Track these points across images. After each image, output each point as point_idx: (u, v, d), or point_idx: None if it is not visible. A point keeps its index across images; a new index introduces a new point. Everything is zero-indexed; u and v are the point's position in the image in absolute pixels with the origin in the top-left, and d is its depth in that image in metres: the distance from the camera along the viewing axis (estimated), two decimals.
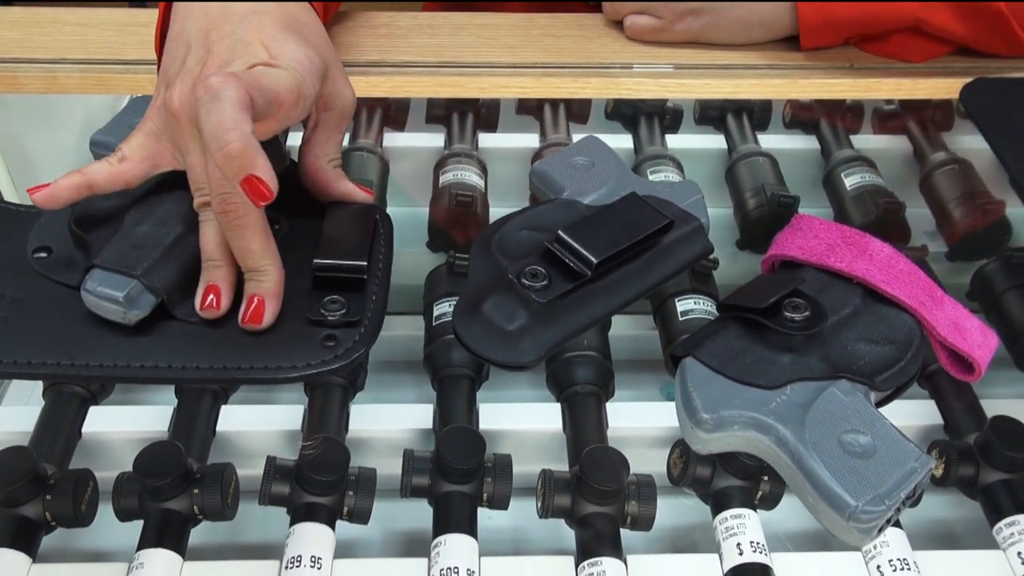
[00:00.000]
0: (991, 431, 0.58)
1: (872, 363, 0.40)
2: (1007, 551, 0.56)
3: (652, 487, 0.57)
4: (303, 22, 0.49)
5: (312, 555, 0.53)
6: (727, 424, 0.38)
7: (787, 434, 0.37)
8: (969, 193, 0.76)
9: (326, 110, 0.49)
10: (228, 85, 0.40)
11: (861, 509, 0.36)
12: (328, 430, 0.60)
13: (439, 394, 0.64)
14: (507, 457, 0.58)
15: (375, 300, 0.43)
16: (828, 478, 0.36)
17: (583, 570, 0.54)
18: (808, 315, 0.40)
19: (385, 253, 0.45)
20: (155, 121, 0.45)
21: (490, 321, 0.40)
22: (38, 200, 0.43)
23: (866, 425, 0.38)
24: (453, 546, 0.54)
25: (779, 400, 0.39)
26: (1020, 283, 0.69)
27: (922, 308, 0.42)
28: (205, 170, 0.42)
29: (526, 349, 0.40)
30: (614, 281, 0.42)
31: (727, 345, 0.41)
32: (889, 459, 0.37)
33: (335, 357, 0.41)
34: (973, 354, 0.41)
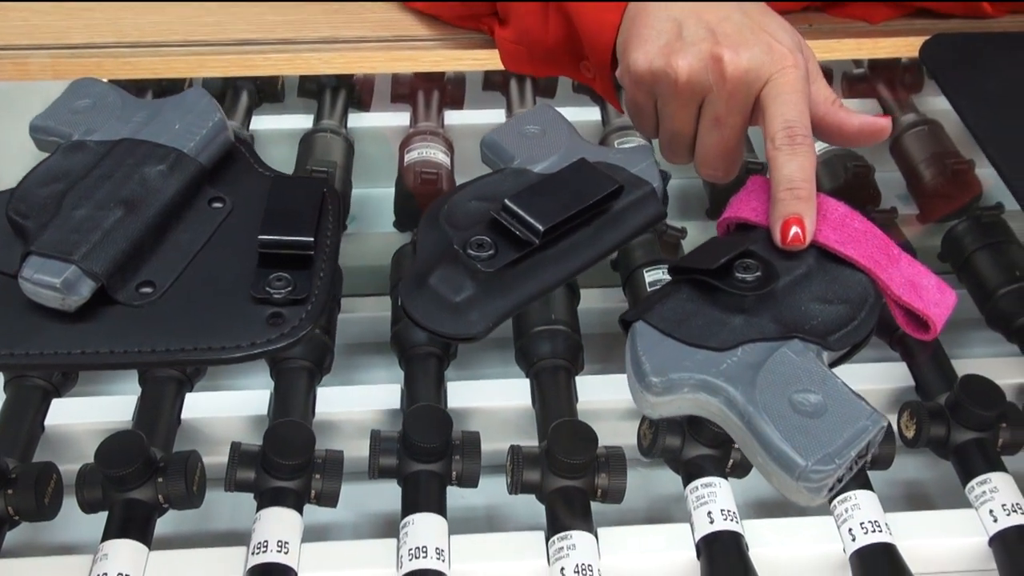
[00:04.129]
0: (961, 390, 0.58)
1: (825, 323, 0.40)
2: (979, 509, 0.56)
3: (622, 459, 0.56)
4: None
5: (279, 540, 0.53)
6: (676, 387, 0.38)
7: (736, 395, 0.37)
8: (938, 154, 0.76)
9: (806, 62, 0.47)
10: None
11: (810, 468, 0.35)
12: (294, 414, 0.59)
13: (406, 374, 0.63)
14: (475, 435, 0.58)
15: (322, 277, 0.42)
16: (777, 438, 0.35)
17: (553, 544, 0.54)
18: (759, 275, 0.40)
19: (333, 229, 0.44)
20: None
21: (437, 293, 0.39)
22: None
23: (817, 384, 0.37)
24: (421, 525, 0.54)
25: (730, 362, 0.38)
26: (990, 243, 0.69)
27: (876, 267, 0.41)
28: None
29: (474, 320, 0.39)
30: (564, 249, 0.42)
31: (678, 308, 0.40)
32: (840, 418, 0.36)
33: (281, 335, 0.40)
34: (928, 312, 0.41)
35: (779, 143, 0.42)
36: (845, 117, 0.45)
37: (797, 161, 0.42)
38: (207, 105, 0.48)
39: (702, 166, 0.47)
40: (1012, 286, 0.66)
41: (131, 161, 0.46)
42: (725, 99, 0.44)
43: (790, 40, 0.45)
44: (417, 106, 0.84)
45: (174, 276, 0.43)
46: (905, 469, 0.64)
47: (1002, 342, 0.68)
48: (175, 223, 0.45)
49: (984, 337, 0.70)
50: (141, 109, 0.49)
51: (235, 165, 0.48)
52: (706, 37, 0.44)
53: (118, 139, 0.47)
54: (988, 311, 0.68)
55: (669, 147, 0.48)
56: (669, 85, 0.45)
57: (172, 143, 0.46)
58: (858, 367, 0.64)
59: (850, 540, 0.54)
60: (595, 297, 0.71)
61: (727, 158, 0.46)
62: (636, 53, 0.45)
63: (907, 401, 0.60)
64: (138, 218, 0.43)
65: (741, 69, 0.43)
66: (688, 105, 0.45)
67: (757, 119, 0.45)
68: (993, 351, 0.70)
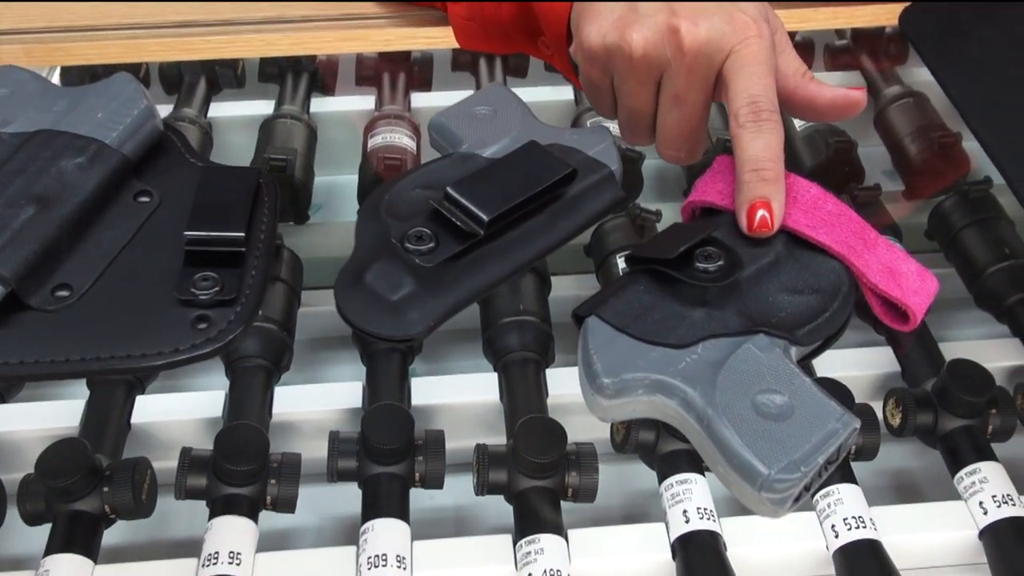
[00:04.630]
0: (948, 376, 0.55)
1: (794, 315, 0.37)
2: (968, 501, 0.53)
3: (593, 456, 0.54)
4: None
5: (231, 550, 0.50)
6: (630, 389, 0.35)
7: (695, 396, 0.34)
8: (924, 127, 0.73)
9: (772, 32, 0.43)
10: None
11: (774, 477, 0.32)
12: (250, 415, 0.56)
13: (368, 370, 0.60)
14: (439, 433, 0.55)
15: (255, 275, 0.39)
16: (737, 444, 0.32)
17: (520, 548, 0.51)
18: (722, 265, 0.37)
19: (268, 223, 0.41)
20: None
21: (373, 291, 0.36)
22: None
23: (783, 384, 0.34)
24: (381, 532, 0.51)
25: (689, 360, 0.35)
26: (978, 219, 0.66)
27: (851, 253, 0.38)
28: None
29: (413, 320, 0.36)
30: (514, 239, 0.38)
31: (634, 301, 0.37)
32: (807, 420, 0.33)
33: (207, 340, 0.37)
34: (907, 301, 0.38)
35: (743, 120, 0.39)
36: (816, 90, 0.42)
37: (763, 139, 0.39)
38: (133, 92, 0.45)
39: (663, 147, 0.44)
40: (1002, 264, 0.64)
41: (47, 154, 0.42)
42: (684, 74, 0.41)
43: (754, 9, 0.41)
44: (382, 89, 0.81)
45: (93, 277, 0.40)
46: (892, 458, 0.61)
47: (992, 323, 0.65)
48: (96, 220, 0.42)
49: (973, 318, 0.68)
50: (62, 98, 0.46)
51: (165, 156, 0.45)
52: (662, 8, 0.41)
53: (34, 130, 0.44)
54: (977, 290, 0.65)
55: (628, 127, 0.45)
56: (624, 61, 0.41)
57: (93, 134, 0.43)
58: (841, 353, 0.61)
59: (833, 537, 0.51)
60: (567, 284, 0.68)
61: (690, 138, 0.43)
62: (589, 28, 0.42)
63: (892, 388, 0.57)
64: (53, 216, 0.40)
65: (700, 41, 0.40)
66: (645, 82, 0.42)
67: (721, 95, 0.42)
68: (983, 332, 0.67)
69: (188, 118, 0.76)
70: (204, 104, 0.79)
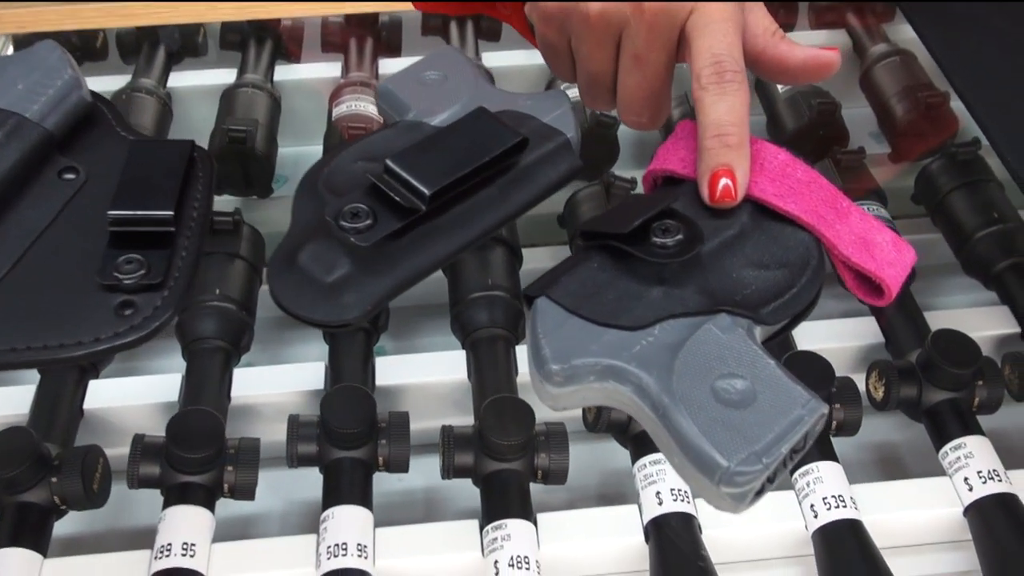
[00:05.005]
0: (933, 347, 0.53)
1: (760, 292, 0.34)
2: (953, 477, 0.51)
3: (563, 437, 0.52)
4: None
5: (184, 541, 0.48)
6: (581, 375, 0.32)
7: (650, 383, 0.31)
8: (911, 87, 0.70)
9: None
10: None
11: (733, 470, 0.30)
12: (207, 399, 0.54)
13: (331, 350, 0.58)
14: (403, 415, 0.53)
15: (185, 257, 0.36)
16: (694, 434, 0.30)
17: (487, 535, 0.49)
18: (681, 239, 0.34)
19: (202, 200, 0.39)
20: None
21: (307, 273, 0.34)
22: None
23: (745, 367, 0.32)
24: (342, 519, 0.49)
25: (645, 343, 0.32)
26: (966, 182, 0.64)
27: (821, 223, 0.36)
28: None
29: (349, 304, 0.34)
30: (461, 214, 0.36)
31: (587, 280, 0.34)
32: (771, 407, 0.31)
33: (131, 328, 0.35)
34: (881, 274, 0.35)
35: (705, 81, 0.37)
36: (787, 50, 0.39)
37: (726, 102, 0.36)
38: (57, 61, 0.42)
39: (625, 112, 0.41)
40: (990, 229, 0.61)
41: None
42: (644, 33, 0.38)
43: None
44: (349, 55, 0.78)
45: (11, 262, 0.37)
46: (877, 432, 0.59)
47: (980, 290, 0.63)
48: (15, 199, 0.39)
49: (961, 284, 0.65)
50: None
51: (94, 130, 0.42)
52: None
53: None
54: (964, 256, 0.62)
55: (588, 92, 0.42)
56: (581, 20, 0.39)
57: (12, 107, 0.40)
58: (822, 324, 0.59)
59: (812, 517, 0.49)
60: (540, 257, 0.65)
61: (652, 102, 0.40)
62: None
63: (875, 360, 0.55)
64: None
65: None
66: (604, 42, 0.39)
67: (684, 55, 0.39)
68: (971, 300, 0.65)
69: (146, 88, 0.73)
70: (163, 74, 0.76)
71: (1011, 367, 0.55)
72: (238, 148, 0.67)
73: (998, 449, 0.52)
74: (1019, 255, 0.60)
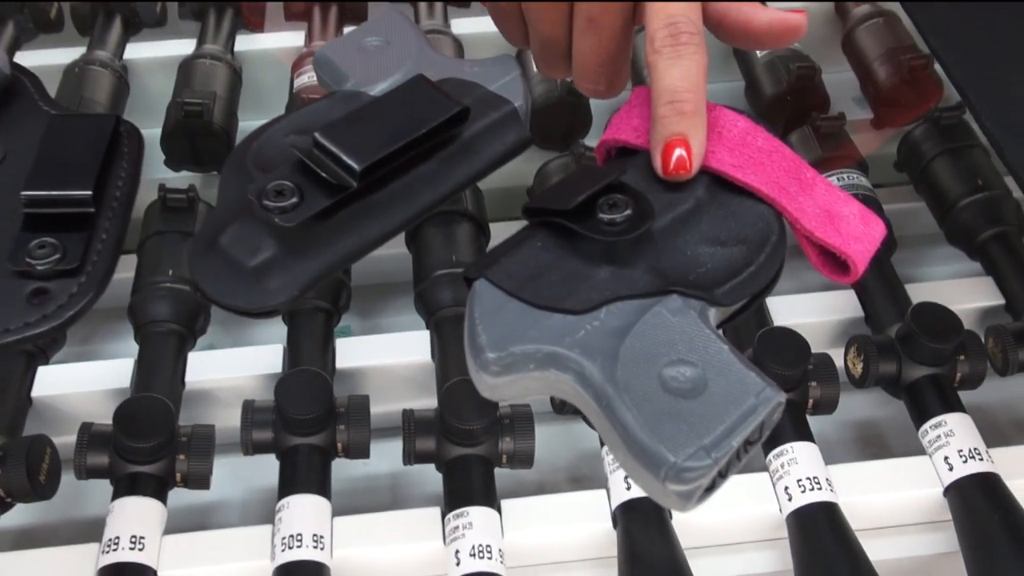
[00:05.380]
0: (912, 321, 0.51)
1: (715, 271, 0.32)
2: (933, 456, 0.49)
3: (528, 420, 0.50)
4: None
5: (133, 535, 0.46)
6: (520, 364, 0.30)
7: (593, 371, 0.29)
8: (894, 49, 0.67)
9: None
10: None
11: (680, 466, 0.27)
12: (159, 384, 0.52)
13: (289, 331, 0.56)
14: (363, 399, 0.51)
15: (106, 240, 0.34)
16: (639, 426, 0.28)
17: (448, 523, 0.47)
18: (630, 214, 0.32)
19: (128, 178, 0.36)
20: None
21: (228, 256, 0.31)
22: None
23: (697, 353, 0.29)
24: (297, 509, 0.47)
25: (589, 327, 0.30)
26: (950, 148, 0.61)
27: (783, 196, 0.33)
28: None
29: (274, 289, 0.31)
30: (398, 191, 0.33)
31: (529, 261, 0.32)
32: (723, 396, 0.28)
33: (43, 317, 0.33)
34: (847, 249, 0.33)
35: (659, 44, 0.34)
36: (751, 12, 0.36)
37: (681, 66, 0.33)
38: None
39: (580, 79, 0.38)
40: (974, 196, 0.59)
41: None
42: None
43: None
44: (313, 23, 0.75)
45: None
46: (854, 408, 0.57)
47: (965, 260, 0.61)
48: None
49: (945, 254, 0.63)
50: None
51: (15, 104, 0.40)
52: None
53: None
54: (948, 225, 0.60)
55: (542, 57, 0.39)
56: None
57: None
58: (800, 297, 0.57)
59: (786, 500, 0.47)
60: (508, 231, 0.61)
61: (608, 68, 0.38)
62: None
63: (854, 335, 0.53)
64: None
65: None
66: (555, 4, 0.36)
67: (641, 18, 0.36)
68: (955, 271, 0.63)
69: (100, 61, 0.70)
70: (119, 46, 0.73)
71: (995, 340, 0.53)
72: (194, 122, 0.64)
73: (982, 425, 0.50)
74: (1004, 224, 0.58)
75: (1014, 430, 0.57)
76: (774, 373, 0.49)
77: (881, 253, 0.58)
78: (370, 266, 0.63)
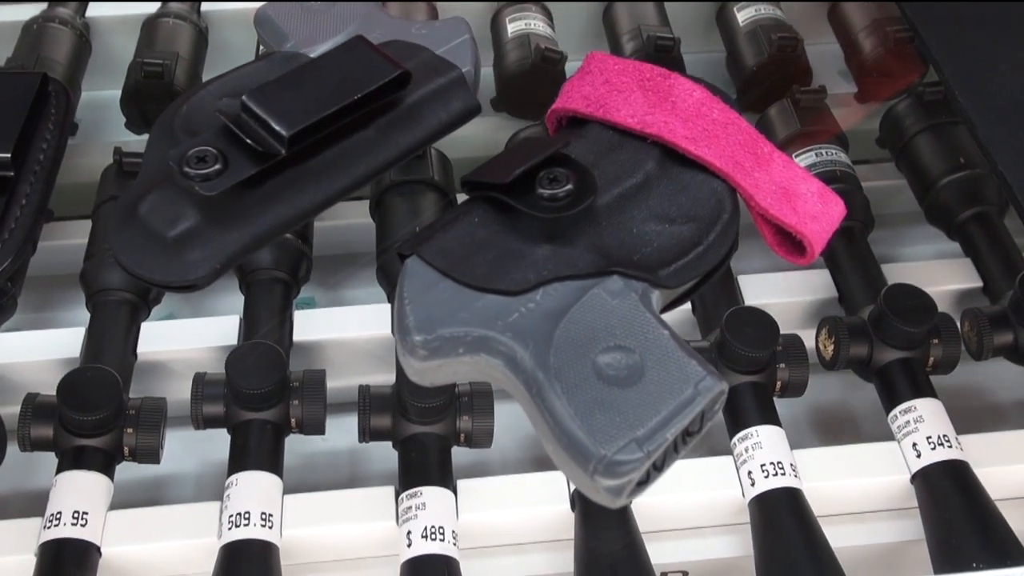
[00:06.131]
0: (885, 303, 0.49)
1: (661, 250, 0.30)
2: (902, 442, 0.48)
3: (488, 397, 0.48)
4: None
5: (76, 510, 0.45)
6: (448, 348, 0.28)
7: (524, 356, 0.27)
8: (879, 20, 0.65)
9: None
10: None
11: (609, 459, 0.26)
12: (109, 355, 0.51)
13: (246, 302, 0.54)
14: (318, 374, 0.49)
15: (26, 205, 0.32)
16: (568, 416, 0.26)
17: (401, 503, 0.46)
18: (571, 189, 0.30)
19: (53, 140, 0.34)
20: None
21: (147, 226, 0.30)
22: None
23: (635, 338, 0.27)
24: (246, 486, 0.46)
25: (524, 310, 0.28)
26: (933, 124, 0.60)
27: (738, 171, 0.31)
28: None
29: (194, 262, 0.30)
30: (332, 159, 0.32)
31: (464, 238, 0.30)
32: (660, 385, 0.27)
33: None
34: (802, 229, 0.31)
35: None
36: None
37: None
38: None
39: None
40: (956, 175, 0.57)
41: None
42: None
43: None
44: None
45: None
46: (828, 389, 0.56)
47: (945, 240, 0.59)
48: None
49: (925, 234, 0.62)
50: None
51: None
52: None
53: None
54: (928, 204, 0.59)
55: None
56: None
57: None
58: (772, 276, 0.56)
59: (749, 485, 0.46)
60: None
61: None
62: None
63: (825, 316, 0.52)
64: None
65: None
66: None
67: None
68: (935, 251, 0.61)
69: (60, 18, 0.67)
70: (82, 2, 0.70)
71: (970, 324, 0.51)
72: (155, 83, 0.62)
73: (955, 409, 0.49)
74: (984, 204, 0.56)
75: (987, 415, 0.56)
76: (741, 354, 0.47)
77: (858, 231, 0.56)
78: (335, 235, 0.62)
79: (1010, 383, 0.57)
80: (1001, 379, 0.57)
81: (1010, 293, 0.51)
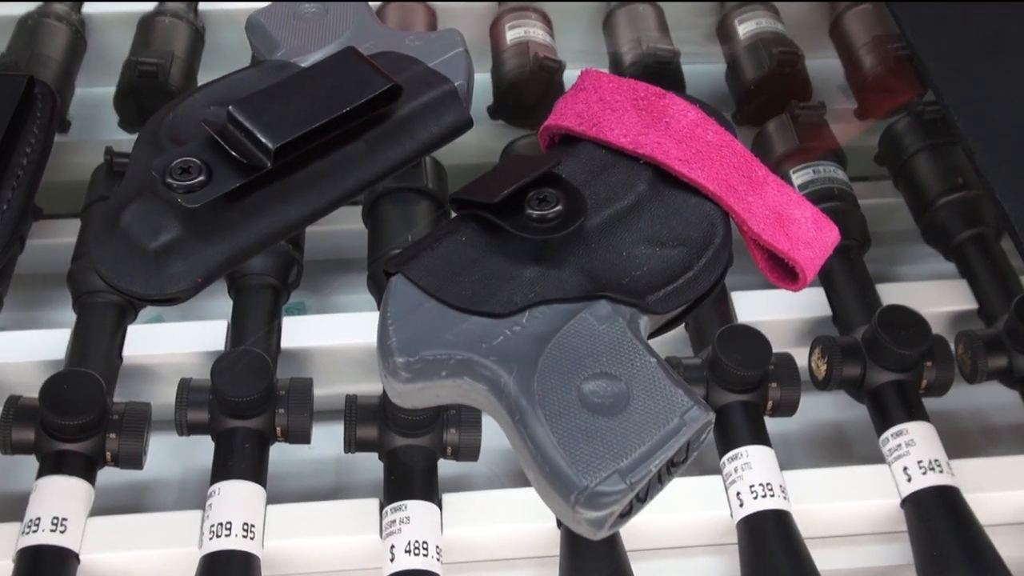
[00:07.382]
0: (879, 325, 0.49)
1: (651, 274, 0.29)
2: (892, 465, 0.47)
3: (475, 410, 0.47)
4: None
5: (55, 516, 0.44)
6: (430, 371, 0.28)
7: (508, 381, 0.27)
8: (881, 37, 0.65)
9: None
10: None
11: (592, 491, 0.25)
12: (93, 359, 0.50)
13: (234, 308, 0.53)
14: (305, 382, 0.49)
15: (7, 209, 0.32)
16: (550, 445, 0.25)
17: (385, 516, 0.45)
18: (561, 210, 0.29)
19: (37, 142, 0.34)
20: None
21: (129, 237, 0.29)
22: None
23: (622, 365, 0.27)
24: (228, 496, 0.45)
25: (509, 332, 0.28)
26: (932, 143, 0.59)
27: (731, 194, 0.31)
28: None
29: (175, 275, 0.29)
30: (320, 171, 0.31)
31: (451, 257, 0.29)
32: (645, 415, 0.26)
33: None
34: (795, 255, 0.30)
35: None
36: None
37: None
38: None
39: None
40: (953, 195, 0.57)
41: None
42: None
43: None
44: None
45: None
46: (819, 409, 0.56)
47: (941, 260, 0.59)
48: None
49: (921, 253, 0.61)
50: None
51: None
52: None
53: None
54: (925, 224, 0.58)
55: None
56: None
57: None
58: (766, 293, 0.55)
59: (738, 506, 0.45)
60: None
61: None
62: None
63: (819, 336, 0.51)
64: None
65: None
66: None
67: None
68: (930, 270, 0.61)
69: (56, 14, 0.67)
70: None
71: (964, 347, 0.51)
72: (149, 83, 0.62)
73: (947, 432, 0.49)
74: (981, 225, 0.56)
75: (981, 439, 0.56)
76: (733, 373, 0.47)
77: (854, 250, 0.56)
78: (327, 241, 0.62)
79: (1004, 407, 0.56)
80: (995, 403, 0.56)
81: (1005, 316, 0.51)
